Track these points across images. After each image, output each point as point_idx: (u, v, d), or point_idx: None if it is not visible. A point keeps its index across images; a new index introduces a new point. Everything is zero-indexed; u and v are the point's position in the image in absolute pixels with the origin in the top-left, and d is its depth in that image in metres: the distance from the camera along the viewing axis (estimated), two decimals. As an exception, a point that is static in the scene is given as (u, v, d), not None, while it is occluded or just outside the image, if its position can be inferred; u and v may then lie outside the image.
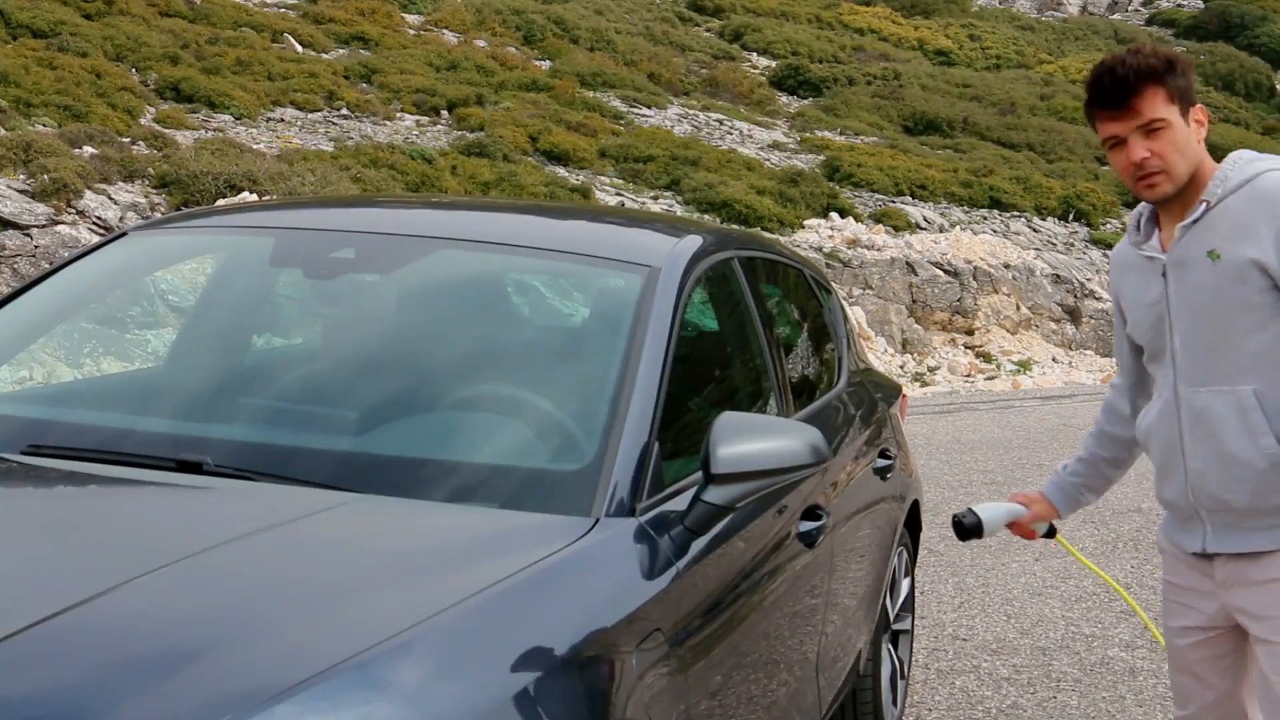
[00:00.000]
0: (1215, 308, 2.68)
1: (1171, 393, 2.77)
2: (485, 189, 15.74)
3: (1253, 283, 2.62)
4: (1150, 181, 2.68)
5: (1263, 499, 2.68)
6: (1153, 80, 2.65)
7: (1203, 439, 2.72)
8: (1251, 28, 36.36)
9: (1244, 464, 2.67)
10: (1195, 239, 2.70)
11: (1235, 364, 2.68)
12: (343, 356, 3.16)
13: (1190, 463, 2.75)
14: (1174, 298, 2.75)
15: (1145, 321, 2.83)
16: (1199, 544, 2.80)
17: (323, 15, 22.96)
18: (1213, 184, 2.69)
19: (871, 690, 4.09)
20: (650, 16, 30.01)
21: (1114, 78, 2.67)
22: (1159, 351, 2.82)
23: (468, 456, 2.64)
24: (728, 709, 2.59)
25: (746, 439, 2.45)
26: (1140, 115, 2.65)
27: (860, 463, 3.91)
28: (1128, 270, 2.91)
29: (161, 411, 2.92)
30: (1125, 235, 2.93)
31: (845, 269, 17.05)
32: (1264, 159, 2.73)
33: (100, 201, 11.94)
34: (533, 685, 1.95)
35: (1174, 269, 2.74)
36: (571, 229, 3.68)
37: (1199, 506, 2.77)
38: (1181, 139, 2.68)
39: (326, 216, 3.49)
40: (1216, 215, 2.67)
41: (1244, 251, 2.62)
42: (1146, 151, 2.66)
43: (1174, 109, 2.67)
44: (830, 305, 4.43)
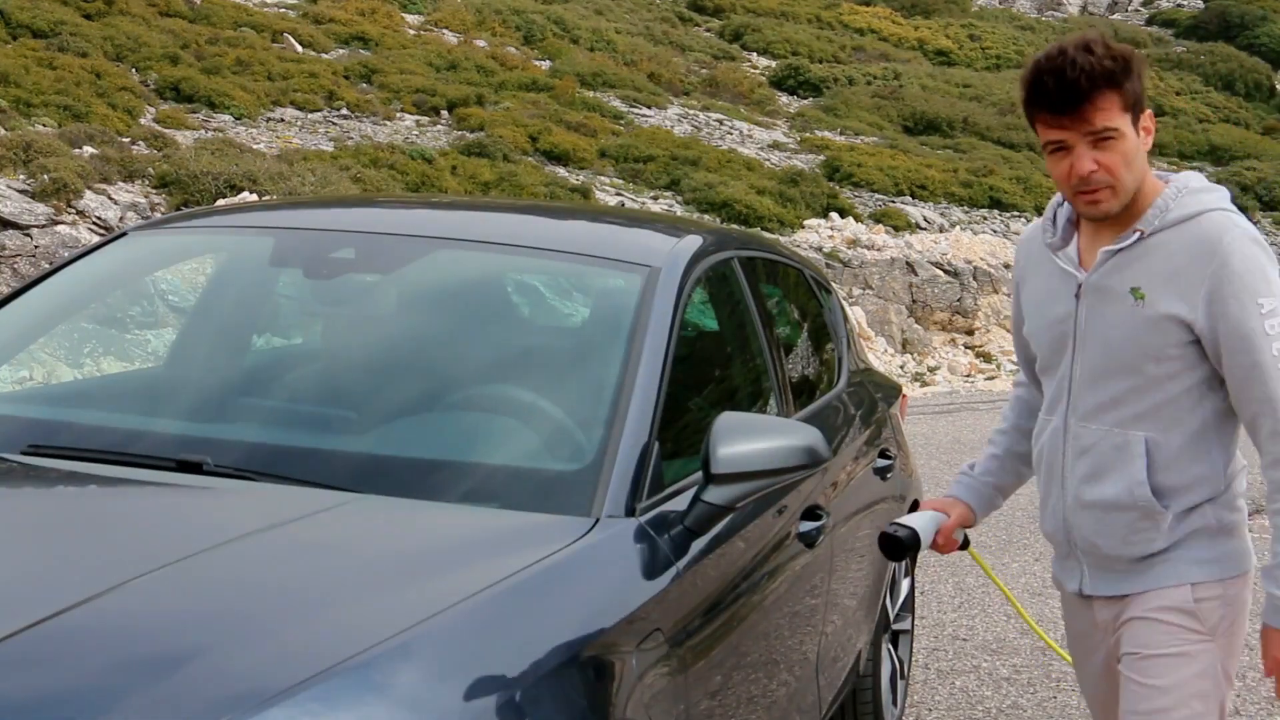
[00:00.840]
0: (1127, 350, 2.46)
1: (1062, 422, 2.58)
2: (485, 189, 15.74)
3: (1172, 336, 2.42)
4: (1094, 198, 2.41)
5: (1133, 547, 2.52)
6: (1108, 85, 2.35)
7: (1085, 478, 2.55)
8: (1252, 27, 36.37)
9: (1118, 510, 2.51)
10: (1120, 269, 2.46)
11: (1131, 411, 2.48)
12: (343, 357, 3.16)
13: (1069, 498, 2.59)
14: (1084, 326, 2.52)
15: (1045, 336, 2.62)
16: (1076, 584, 2.65)
17: (323, 15, 22.96)
18: (1151, 213, 2.43)
19: (871, 690, 4.09)
20: (650, 17, 30.01)
21: (1061, 81, 2.35)
22: (1054, 370, 2.61)
23: (468, 456, 2.64)
24: (728, 709, 2.59)
25: (746, 439, 2.45)
26: (1090, 124, 2.36)
27: (860, 463, 3.91)
28: (1036, 270, 2.65)
29: (161, 411, 2.93)
30: (1038, 223, 2.67)
31: (845, 269, 17.05)
32: (1210, 191, 2.48)
33: (100, 201, 11.94)
34: (532, 685, 1.96)
35: (1090, 295, 2.50)
36: (571, 229, 3.68)
37: (1074, 544, 2.62)
38: (1132, 150, 2.39)
39: (326, 216, 3.50)
40: (1149, 248, 2.43)
41: (1171, 305, 2.40)
42: (1094, 164, 2.38)
43: (1127, 118, 2.38)
44: (830, 305, 4.43)
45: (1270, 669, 2.48)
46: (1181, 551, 2.51)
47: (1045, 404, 2.66)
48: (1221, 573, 2.52)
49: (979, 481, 2.86)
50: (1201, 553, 2.51)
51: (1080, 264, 2.53)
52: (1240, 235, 2.39)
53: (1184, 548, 2.51)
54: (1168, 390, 2.46)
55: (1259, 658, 2.57)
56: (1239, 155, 27.51)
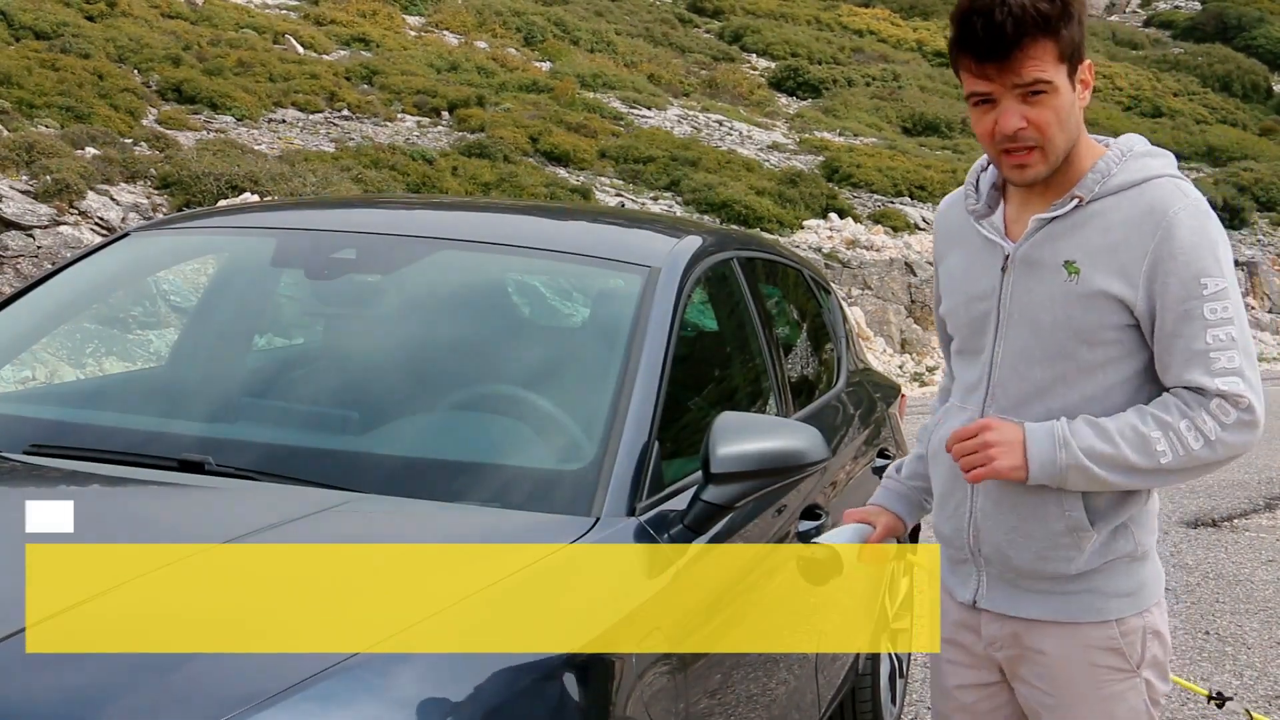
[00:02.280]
0: (1058, 332, 2.17)
1: (978, 412, 2.27)
2: (486, 190, 15.75)
3: (1108, 317, 2.14)
4: (1020, 160, 2.13)
5: (1048, 564, 2.23)
6: (1043, 32, 2.06)
7: (1000, 479, 2.21)
8: (1249, 29, 36.35)
9: (1039, 520, 2.22)
10: (1053, 239, 2.18)
11: (1060, 404, 2.19)
12: (344, 357, 3.17)
13: (979, 501, 2.28)
14: (1009, 302, 2.22)
15: (964, 315, 2.31)
16: (970, 594, 2.34)
17: (324, 17, 22.96)
18: (1091, 177, 2.16)
19: (870, 689, 4.10)
20: (650, 18, 30.00)
21: (989, 23, 2.06)
22: (972, 354, 2.31)
23: (468, 456, 2.65)
24: (727, 708, 2.60)
25: (746, 438, 2.46)
26: (1020, 75, 2.07)
27: (859, 462, 3.92)
28: (956, 241, 2.34)
29: (163, 411, 2.94)
30: (959, 192, 2.38)
31: (844, 269, 17.05)
32: (1156, 156, 2.21)
33: (103, 202, 11.95)
34: (532, 685, 1.96)
35: (1018, 267, 2.21)
36: (572, 229, 3.69)
37: (976, 552, 2.31)
38: (1066, 107, 2.11)
39: (328, 217, 3.51)
40: (1087, 217, 2.16)
41: (1108, 282, 2.13)
42: (1022, 121, 2.10)
43: (1062, 69, 2.09)
44: (829, 305, 4.44)
45: (970, 432, 2.18)
46: (1101, 582, 2.24)
47: (958, 391, 2.35)
48: (1142, 604, 2.28)
49: (906, 486, 2.53)
50: (1123, 583, 2.25)
51: (1007, 234, 2.24)
52: (1190, 205, 2.13)
53: (1104, 577, 2.24)
54: (1100, 381, 2.18)
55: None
56: (1236, 156, 27.48)
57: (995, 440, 2.16)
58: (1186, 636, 5.59)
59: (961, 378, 2.35)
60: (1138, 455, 2.13)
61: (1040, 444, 2.15)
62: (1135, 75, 31.69)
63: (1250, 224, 24.03)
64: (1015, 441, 2.16)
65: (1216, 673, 5.12)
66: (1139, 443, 2.13)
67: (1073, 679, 2.28)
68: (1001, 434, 2.17)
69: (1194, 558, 7.03)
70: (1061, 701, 2.29)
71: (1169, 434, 2.13)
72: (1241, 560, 7.08)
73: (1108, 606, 2.25)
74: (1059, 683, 2.29)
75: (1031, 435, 2.16)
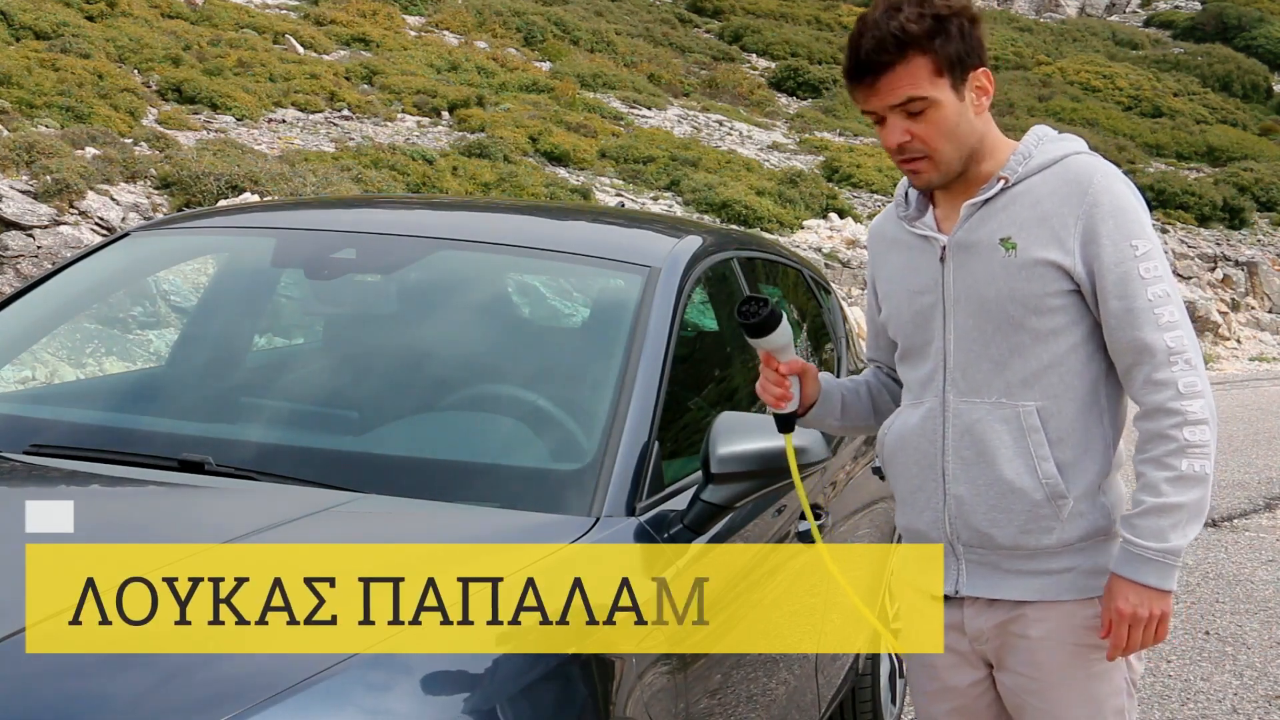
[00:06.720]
0: (1005, 305, 2.26)
1: (938, 401, 2.33)
2: (486, 190, 15.75)
3: (1051, 284, 2.24)
4: (914, 168, 2.26)
5: (1030, 536, 2.29)
6: (914, 49, 2.16)
7: (971, 461, 2.30)
8: (1249, 29, 36.36)
9: (1017, 493, 2.28)
10: (986, 221, 2.28)
11: (1019, 375, 2.27)
12: (344, 356, 3.17)
13: (952, 487, 2.33)
14: (952, 288, 2.31)
15: (907, 312, 2.38)
16: (952, 584, 2.37)
17: (324, 17, 22.96)
18: (1014, 160, 2.27)
19: (871, 689, 4.10)
20: (650, 18, 30.00)
21: (855, 49, 2.19)
22: (921, 349, 2.37)
23: (468, 456, 2.65)
24: (727, 708, 2.60)
25: (746, 438, 2.46)
26: (890, 95, 2.18)
27: (859, 462, 3.92)
28: (891, 248, 2.43)
29: (163, 411, 2.94)
30: (888, 209, 2.48)
31: (844, 269, 17.05)
32: (1068, 140, 2.33)
33: (103, 202, 11.95)
34: (532, 685, 1.96)
35: (956, 253, 2.30)
36: (572, 229, 3.69)
37: (955, 540, 2.35)
38: (951, 119, 2.21)
39: (328, 217, 3.51)
40: (1014, 197, 2.27)
41: (1045, 250, 2.23)
42: (906, 135, 2.21)
43: (943, 82, 2.19)
44: (829, 305, 4.44)
45: (1108, 624, 2.27)
46: (1082, 561, 2.31)
47: (911, 391, 2.41)
48: None
49: (839, 382, 2.56)
50: (1102, 560, 2.31)
51: (939, 230, 2.35)
52: (1109, 175, 2.26)
53: (1083, 556, 2.31)
54: (1053, 348, 2.26)
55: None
56: (1236, 156, 27.48)
57: (1131, 608, 2.24)
58: (1186, 636, 5.59)
59: (911, 377, 2.42)
60: (1186, 492, 2.22)
61: (1143, 573, 2.23)
62: (1135, 75, 31.69)
63: (1250, 224, 24.02)
64: (1140, 592, 2.24)
65: (1216, 673, 5.11)
66: (1178, 481, 2.22)
67: (1057, 660, 2.34)
68: (1127, 603, 2.25)
69: (1194, 558, 7.02)
70: (1045, 684, 2.35)
71: (1181, 456, 2.23)
72: (1241, 560, 7.08)
73: (1090, 584, 2.32)
74: (1043, 665, 2.34)
75: (1134, 573, 2.24)
